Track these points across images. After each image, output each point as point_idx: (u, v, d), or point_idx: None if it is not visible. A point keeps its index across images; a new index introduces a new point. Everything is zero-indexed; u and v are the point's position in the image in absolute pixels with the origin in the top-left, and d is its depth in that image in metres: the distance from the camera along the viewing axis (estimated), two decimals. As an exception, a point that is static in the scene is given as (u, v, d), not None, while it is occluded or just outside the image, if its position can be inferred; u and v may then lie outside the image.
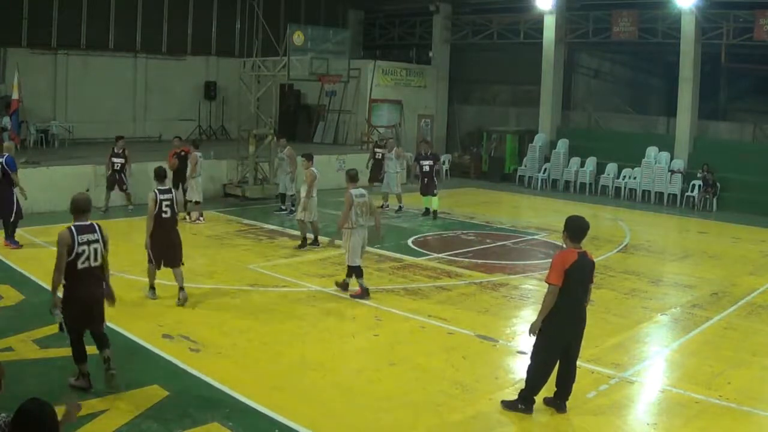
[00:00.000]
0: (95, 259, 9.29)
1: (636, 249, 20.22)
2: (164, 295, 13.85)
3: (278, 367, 10.55)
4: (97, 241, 9.33)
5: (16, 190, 17.12)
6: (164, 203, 13.36)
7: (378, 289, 14.88)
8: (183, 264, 13.70)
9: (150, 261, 13.52)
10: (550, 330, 8.96)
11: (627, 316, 13.76)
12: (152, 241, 13.38)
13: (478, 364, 10.95)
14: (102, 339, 9.55)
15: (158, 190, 13.48)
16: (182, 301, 13.34)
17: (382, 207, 24.09)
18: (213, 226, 20.90)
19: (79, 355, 9.41)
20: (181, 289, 13.48)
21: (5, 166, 16.99)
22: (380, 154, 26.82)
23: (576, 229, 9.08)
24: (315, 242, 18.71)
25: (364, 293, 14.21)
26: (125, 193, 22.48)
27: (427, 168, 23.81)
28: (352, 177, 14.81)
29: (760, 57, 30.37)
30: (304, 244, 18.67)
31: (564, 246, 9.28)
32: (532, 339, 9.18)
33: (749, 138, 31.01)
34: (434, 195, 23.74)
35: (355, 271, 14.35)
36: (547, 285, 9.06)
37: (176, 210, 13.57)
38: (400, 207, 24.76)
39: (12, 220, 16.96)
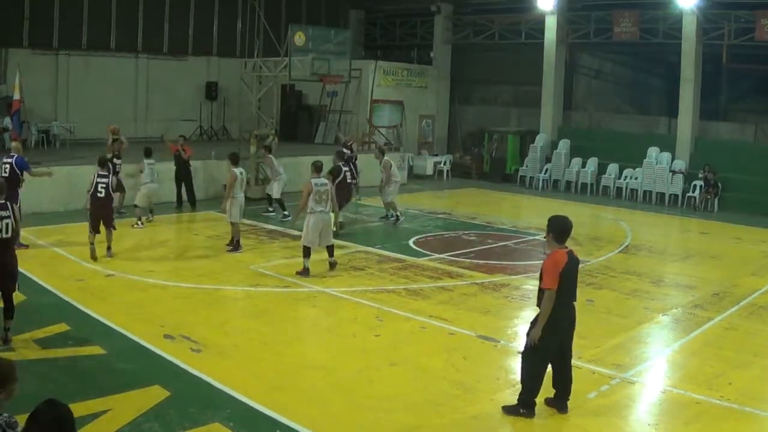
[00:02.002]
0: (6, 232, 10.80)
1: (637, 249, 20.22)
2: (166, 296, 13.89)
3: (279, 367, 10.56)
4: (8, 216, 10.82)
5: (21, 191, 17.08)
6: (100, 185, 16.46)
7: (379, 289, 14.90)
8: (115, 229, 17.09)
9: (90, 231, 16.57)
10: (545, 332, 8.95)
11: (628, 317, 13.76)
12: (90, 213, 16.56)
13: (479, 364, 10.95)
14: (10, 305, 11.06)
15: (98, 174, 16.63)
16: (109, 255, 16.69)
17: (387, 217, 23.83)
18: (214, 226, 20.89)
19: None
20: (109, 248, 16.76)
21: (14, 167, 16.99)
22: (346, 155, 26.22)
23: (562, 229, 9.05)
24: (235, 245, 18.33)
25: (305, 272, 15.70)
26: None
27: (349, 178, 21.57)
28: (318, 168, 16.45)
29: (762, 57, 30.31)
30: (232, 244, 18.31)
31: (547, 248, 9.23)
32: (519, 338, 9.18)
33: (750, 138, 30.99)
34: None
35: (304, 251, 15.90)
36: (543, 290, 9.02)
37: (110, 191, 16.73)
38: (387, 216, 23.65)
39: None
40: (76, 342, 11.03)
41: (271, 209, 23.06)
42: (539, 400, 9.17)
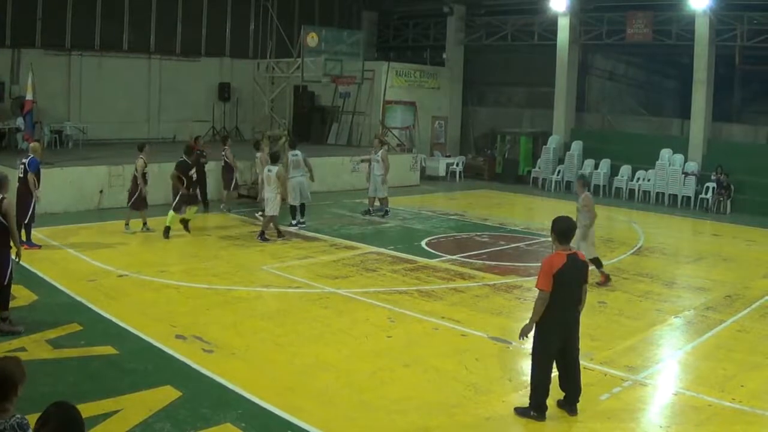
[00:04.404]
0: None
1: (650, 251, 20.16)
2: (179, 297, 13.92)
3: (291, 368, 10.56)
4: None
5: (36, 192, 17.12)
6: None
7: (392, 290, 14.90)
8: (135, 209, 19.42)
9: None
10: (540, 333, 9.03)
11: (640, 319, 13.72)
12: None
13: (491, 366, 10.94)
14: (4, 298, 11.32)
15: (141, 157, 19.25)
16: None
17: (369, 212, 23.87)
18: (227, 227, 20.91)
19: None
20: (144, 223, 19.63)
21: (27, 167, 17.03)
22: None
23: (564, 230, 9.03)
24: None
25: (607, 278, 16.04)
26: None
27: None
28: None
29: (775, 59, 30.31)
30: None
31: (552, 248, 9.21)
32: (529, 341, 9.19)
33: (763, 140, 30.89)
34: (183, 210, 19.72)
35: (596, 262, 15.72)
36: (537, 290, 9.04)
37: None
38: (386, 211, 23.83)
39: (26, 221, 16.82)
40: (88, 342, 11.06)
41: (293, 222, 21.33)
42: (551, 402, 9.16)
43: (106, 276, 15.10)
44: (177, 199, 19.19)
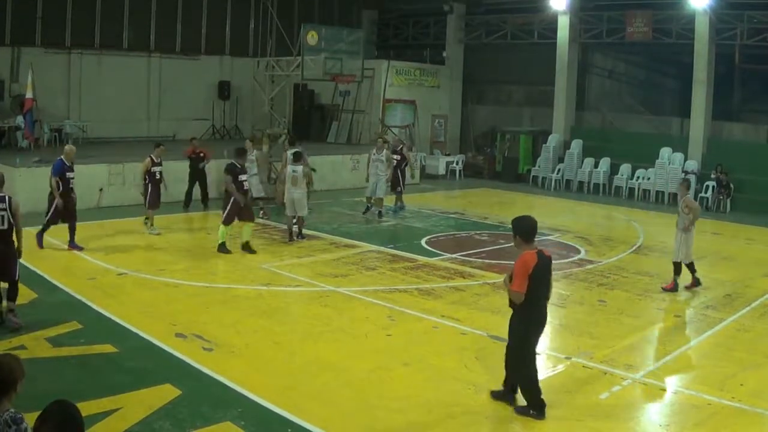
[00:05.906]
0: (2, 224, 11.24)
1: (649, 250, 20.13)
2: (178, 295, 13.91)
3: (291, 366, 10.56)
4: (4, 209, 11.22)
5: (57, 195, 16.84)
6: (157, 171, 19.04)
7: (391, 288, 14.90)
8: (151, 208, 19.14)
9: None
10: (523, 333, 9.17)
11: (640, 317, 13.72)
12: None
13: (490, 364, 10.90)
14: (11, 289, 11.61)
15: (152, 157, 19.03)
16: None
17: (368, 209, 23.65)
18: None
19: None
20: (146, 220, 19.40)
21: (51, 169, 16.94)
22: (395, 161, 23.95)
23: (528, 229, 9.22)
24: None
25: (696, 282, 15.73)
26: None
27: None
28: None
29: (775, 58, 30.28)
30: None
31: (520, 250, 9.22)
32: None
33: (763, 139, 30.85)
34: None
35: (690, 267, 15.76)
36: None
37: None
38: (381, 213, 23.39)
39: (48, 220, 16.74)
40: (88, 340, 11.06)
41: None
42: (548, 399, 9.16)
43: (106, 274, 15.10)
44: (227, 210, 17.62)
